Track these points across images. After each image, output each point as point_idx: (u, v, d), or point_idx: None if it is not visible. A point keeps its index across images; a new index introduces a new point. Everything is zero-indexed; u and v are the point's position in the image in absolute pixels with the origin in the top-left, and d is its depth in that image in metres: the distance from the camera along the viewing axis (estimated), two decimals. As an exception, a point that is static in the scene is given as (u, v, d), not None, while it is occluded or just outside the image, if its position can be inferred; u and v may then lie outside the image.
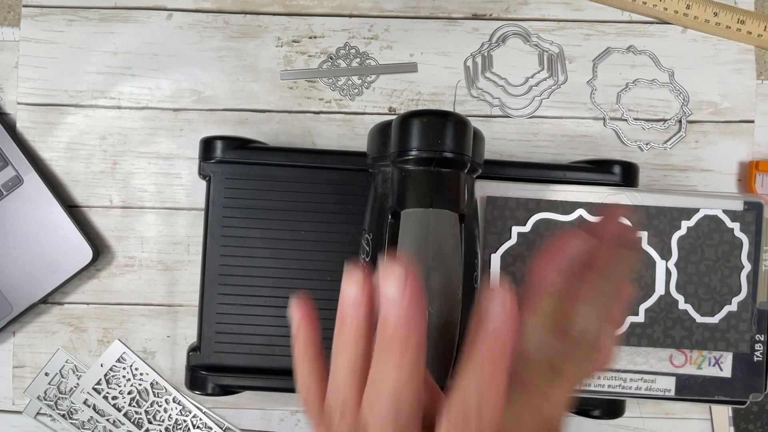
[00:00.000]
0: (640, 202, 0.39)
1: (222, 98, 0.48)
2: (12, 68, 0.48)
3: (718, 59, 0.49)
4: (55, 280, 0.45)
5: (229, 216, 0.41)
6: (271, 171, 0.41)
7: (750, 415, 0.47)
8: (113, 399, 0.47)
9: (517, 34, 0.48)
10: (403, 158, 0.33)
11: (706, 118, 0.48)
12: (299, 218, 0.41)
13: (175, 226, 0.47)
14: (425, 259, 0.31)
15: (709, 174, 0.48)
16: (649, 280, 0.38)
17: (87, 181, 0.47)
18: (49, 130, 0.47)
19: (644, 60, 0.49)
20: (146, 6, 0.48)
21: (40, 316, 0.47)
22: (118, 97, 0.48)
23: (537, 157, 0.48)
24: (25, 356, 0.47)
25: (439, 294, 0.30)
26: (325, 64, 0.48)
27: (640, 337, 0.38)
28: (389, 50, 0.48)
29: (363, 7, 0.48)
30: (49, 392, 0.47)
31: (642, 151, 0.48)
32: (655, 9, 0.48)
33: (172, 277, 0.47)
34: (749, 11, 0.48)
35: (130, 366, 0.47)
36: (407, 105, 0.48)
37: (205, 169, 0.41)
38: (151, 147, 0.47)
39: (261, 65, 0.48)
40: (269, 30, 0.48)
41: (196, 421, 0.47)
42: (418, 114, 0.33)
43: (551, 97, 0.48)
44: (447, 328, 0.31)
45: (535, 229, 0.39)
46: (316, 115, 0.48)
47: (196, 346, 0.41)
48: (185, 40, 0.48)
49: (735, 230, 0.39)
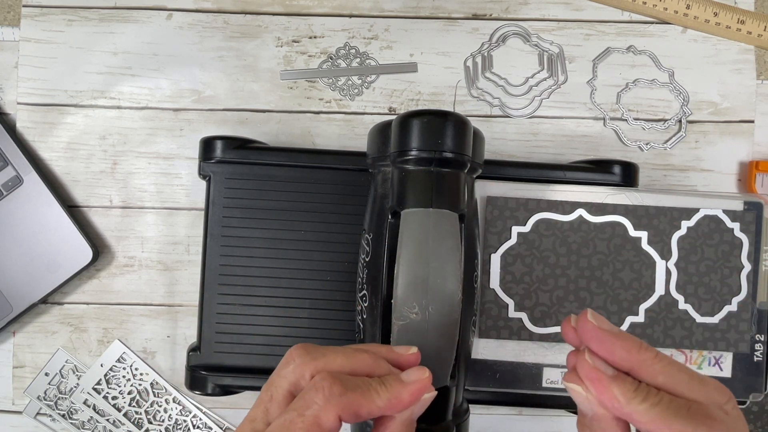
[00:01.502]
0: (640, 202, 0.39)
1: (222, 98, 0.48)
2: (12, 68, 0.48)
3: (718, 59, 0.49)
4: (55, 280, 0.45)
5: (229, 216, 0.41)
6: (271, 171, 0.41)
7: (750, 415, 0.48)
8: (113, 399, 0.47)
9: (517, 34, 0.48)
10: (403, 158, 0.33)
11: (706, 118, 0.48)
12: (299, 218, 0.41)
13: (175, 226, 0.47)
14: (425, 259, 0.31)
15: (709, 174, 0.48)
16: (649, 280, 0.38)
17: (87, 181, 0.47)
18: (49, 130, 0.47)
19: (644, 60, 0.49)
20: (146, 6, 0.48)
21: (40, 316, 0.47)
22: (118, 97, 0.48)
23: (537, 157, 0.48)
24: (25, 356, 0.47)
25: (439, 294, 0.30)
26: (325, 64, 0.48)
27: (640, 337, 0.38)
28: (389, 50, 0.48)
29: (363, 7, 0.48)
30: (49, 392, 0.47)
31: (642, 151, 0.48)
32: (655, 9, 0.48)
33: (172, 277, 0.47)
34: (749, 11, 0.48)
35: (130, 366, 0.47)
36: (407, 105, 0.48)
37: (205, 169, 0.41)
38: (151, 147, 0.47)
39: (261, 65, 0.48)
40: (269, 30, 0.48)
41: (196, 421, 0.47)
42: (418, 114, 0.33)
43: (551, 97, 0.48)
44: (447, 328, 0.31)
45: (535, 229, 0.39)
46: (316, 115, 0.48)
47: (196, 346, 0.41)
48: (185, 40, 0.48)
49: (735, 230, 0.39)
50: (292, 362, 0.25)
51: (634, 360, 0.24)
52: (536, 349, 0.39)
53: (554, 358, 0.39)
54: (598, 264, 0.38)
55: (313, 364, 0.25)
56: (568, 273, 0.38)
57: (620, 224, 0.39)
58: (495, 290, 0.38)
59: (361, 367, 0.26)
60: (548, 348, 0.39)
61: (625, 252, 0.39)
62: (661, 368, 0.24)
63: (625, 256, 0.38)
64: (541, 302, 0.38)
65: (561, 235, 0.39)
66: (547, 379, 0.39)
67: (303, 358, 0.25)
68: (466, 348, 0.35)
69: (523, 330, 0.38)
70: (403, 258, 0.31)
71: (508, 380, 0.38)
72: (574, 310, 0.38)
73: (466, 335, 0.34)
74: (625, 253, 0.39)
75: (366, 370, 0.26)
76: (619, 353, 0.24)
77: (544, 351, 0.39)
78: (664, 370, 0.24)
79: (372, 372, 0.26)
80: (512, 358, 0.39)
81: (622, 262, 0.38)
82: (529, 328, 0.38)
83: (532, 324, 0.38)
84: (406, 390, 0.25)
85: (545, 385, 0.38)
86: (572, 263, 0.38)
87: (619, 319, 0.38)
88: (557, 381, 0.39)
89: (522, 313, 0.38)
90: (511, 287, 0.38)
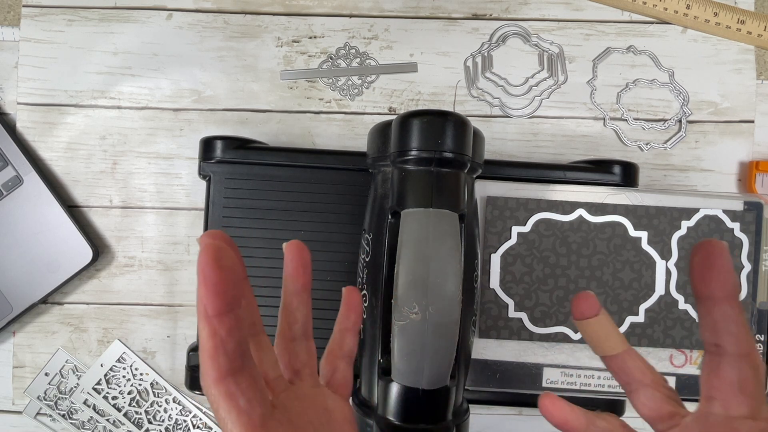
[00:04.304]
0: (640, 202, 0.39)
1: (222, 98, 0.48)
2: (12, 68, 0.48)
3: (718, 59, 0.49)
4: (55, 280, 0.45)
5: (229, 216, 0.41)
6: (271, 171, 0.41)
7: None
8: (113, 399, 0.47)
9: (517, 34, 0.48)
10: (403, 158, 0.33)
11: (706, 118, 0.48)
12: (299, 218, 0.41)
13: (175, 226, 0.47)
14: (425, 259, 0.31)
15: (709, 174, 0.48)
16: (649, 280, 0.38)
17: (87, 181, 0.47)
18: (49, 130, 0.47)
19: (644, 60, 0.49)
20: (146, 6, 0.48)
21: (40, 316, 0.47)
22: (118, 97, 0.48)
23: (537, 157, 0.48)
24: (25, 356, 0.47)
25: (439, 294, 0.30)
26: (325, 64, 0.48)
27: (640, 337, 0.38)
28: (389, 50, 0.48)
29: (363, 7, 0.48)
30: (49, 392, 0.47)
31: (642, 151, 0.48)
32: (655, 9, 0.48)
33: (172, 277, 0.47)
34: (749, 11, 0.48)
35: (130, 366, 0.47)
36: (407, 105, 0.48)
37: (205, 169, 0.41)
38: (151, 147, 0.47)
39: (261, 65, 0.48)
40: (269, 30, 0.48)
41: (196, 421, 0.47)
42: (418, 114, 0.33)
43: (551, 97, 0.48)
44: (447, 328, 0.31)
45: (535, 229, 0.39)
46: (316, 115, 0.48)
47: (196, 346, 0.41)
48: (185, 40, 0.48)
49: (735, 230, 0.39)
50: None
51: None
52: (536, 349, 0.39)
53: (554, 358, 0.39)
54: (598, 264, 0.38)
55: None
56: (568, 273, 0.38)
57: (620, 224, 0.39)
58: (495, 290, 0.38)
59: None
60: (548, 348, 0.39)
61: (625, 252, 0.39)
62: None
63: (625, 256, 0.38)
64: (541, 302, 0.38)
65: (561, 235, 0.39)
66: (547, 379, 0.39)
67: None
68: (466, 348, 0.35)
69: (523, 330, 0.38)
70: (403, 258, 0.31)
71: (508, 380, 0.38)
72: (574, 310, 0.38)
73: (466, 335, 0.34)
74: (625, 253, 0.39)
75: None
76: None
77: (544, 351, 0.39)
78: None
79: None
80: (512, 358, 0.39)
81: (622, 262, 0.38)
82: (529, 328, 0.38)
83: (532, 324, 0.38)
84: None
85: (545, 385, 0.38)
86: (572, 263, 0.38)
87: (620, 319, 0.38)
88: (557, 381, 0.39)
89: (522, 313, 0.38)
90: (511, 287, 0.38)
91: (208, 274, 0.19)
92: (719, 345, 0.23)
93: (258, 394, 0.21)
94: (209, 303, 0.19)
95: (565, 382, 0.38)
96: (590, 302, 0.26)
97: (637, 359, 0.26)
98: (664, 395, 0.25)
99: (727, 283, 0.22)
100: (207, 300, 0.19)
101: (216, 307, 0.19)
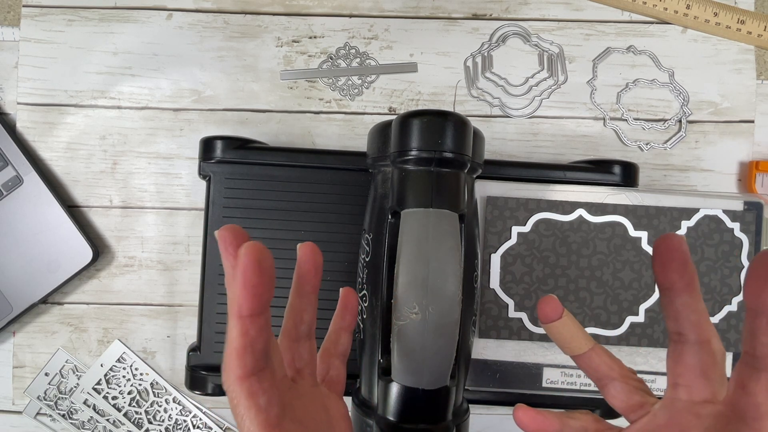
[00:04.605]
0: (640, 202, 0.39)
1: (222, 98, 0.48)
2: (12, 68, 0.48)
3: (718, 59, 0.49)
4: (55, 280, 0.45)
5: (229, 216, 0.41)
6: (271, 171, 0.41)
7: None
8: (113, 399, 0.47)
9: (517, 34, 0.48)
10: (403, 158, 0.33)
11: (706, 118, 0.48)
12: (299, 218, 0.41)
13: (175, 226, 0.47)
14: (425, 259, 0.31)
15: (709, 174, 0.48)
16: (649, 280, 0.38)
17: (87, 181, 0.47)
18: (49, 130, 0.47)
19: (644, 60, 0.49)
20: (146, 6, 0.48)
21: (40, 316, 0.47)
22: (118, 97, 0.48)
23: (537, 157, 0.48)
24: (25, 356, 0.47)
25: (439, 294, 0.30)
26: (325, 64, 0.48)
27: (640, 337, 0.38)
28: (389, 50, 0.48)
29: (363, 7, 0.48)
30: (49, 392, 0.47)
31: (642, 151, 0.48)
32: (655, 9, 0.48)
33: (172, 277, 0.47)
34: (749, 11, 0.48)
35: (130, 366, 0.47)
36: (407, 105, 0.48)
37: (205, 169, 0.41)
38: (151, 147, 0.47)
39: (261, 65, 0.48)
40: (269, 30, 0.48)
41: (196, 421, 0.47)
42: (418, 114, 0.33)
43: (551, 97, 0.48)
44: (447, 328, 0.30)
45: (535, 229, 0.39)
46: (316, 115, 0.48)
47: (196, 346, 0.41)
48: (185, 40, 0.48)
49: (735, 230, 0.39)
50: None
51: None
52: (536, 349, 0.39)
53: (554, 358, 0.39)
54: (598, 264, 0.38)
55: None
56: (568, 273, 0.38)
57: (620, 224, 0.39)
58: (495, 290, 0.38)
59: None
60: (548, 348, 0.39)
61: (625, 252, 0.39)
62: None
63: (625, 256, 0.38)
64: (541, 302, 0.38)
65: (561, 235, 0.39)
66: (547, 379, 0.39)
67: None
68: (466, 348, 0.35)
69: (523, 330, 0.38)
70: (403, 258, 0.31)
71: (508, 380, 0.38)
72: (574, 310, 0.38)
73: (466, 335, 0.34)
74: (625, 253, 0.39)
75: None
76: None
77: (544, 351, 0.39)
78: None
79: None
80: (512, 358, 0.39)
81: (622, 262, 0.38)
82: (529, 328, 0.38)
83: (532, 324, 0.38)
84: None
85: (545, 385, 0.38)
86: (572, 263, 0.38)
87: (620, 318, 0.38)
88: (557, 381, 0.39)
89: (522, 313, 0.38)
90: (511, 287, 0.38)
91: (250, 276, 0.19)
92: (681, 333, 0.24)
93: (276, 394, 0.21)
94: (245, 303, 0.19)
95: (565, 382, 0.39)
96: (553, 306, 0.27)
97: (604, 355, 0.27)
98: (633, 387, 0.26)
99: (686, 274, 0.23)
100: (244, 300, 0.19)
101: (252, 307, 0.19)
